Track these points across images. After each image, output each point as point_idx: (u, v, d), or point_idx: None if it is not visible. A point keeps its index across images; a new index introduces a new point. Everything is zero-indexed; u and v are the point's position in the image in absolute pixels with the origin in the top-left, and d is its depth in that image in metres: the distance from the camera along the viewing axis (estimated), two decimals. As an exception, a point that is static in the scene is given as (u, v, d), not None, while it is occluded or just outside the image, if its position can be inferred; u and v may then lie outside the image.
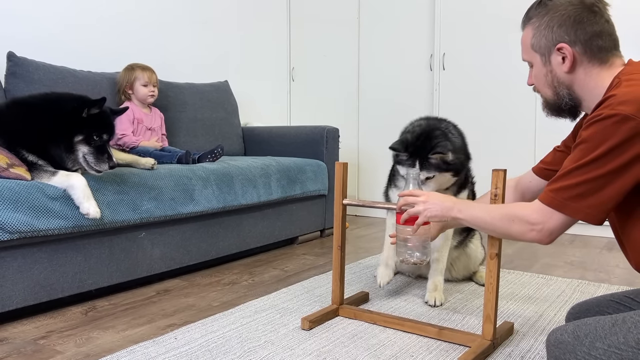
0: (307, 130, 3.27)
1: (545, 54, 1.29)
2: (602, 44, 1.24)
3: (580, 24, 1.23)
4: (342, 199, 1.84)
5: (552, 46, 1.27)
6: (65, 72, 2.53)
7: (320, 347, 1.57)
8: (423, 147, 1.80)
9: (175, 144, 3.01)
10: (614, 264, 2.60)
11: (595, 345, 1.09)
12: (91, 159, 1.85)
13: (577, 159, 1.17)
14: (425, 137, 1.82)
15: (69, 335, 1.67)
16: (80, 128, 1.84)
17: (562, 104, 1.33)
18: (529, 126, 3.45)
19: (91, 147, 1.85)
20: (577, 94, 1.30)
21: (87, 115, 1.84)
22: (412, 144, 1.82)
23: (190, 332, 1.68)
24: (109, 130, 1.90)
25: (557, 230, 1.23)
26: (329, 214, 3.26)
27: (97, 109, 1.85)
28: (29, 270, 1.78)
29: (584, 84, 1.27)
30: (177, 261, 2.31)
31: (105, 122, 1.89)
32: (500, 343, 1.59)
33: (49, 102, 1.87)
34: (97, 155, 1.86)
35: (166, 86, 3.05)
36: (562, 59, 1.26)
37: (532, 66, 1.35)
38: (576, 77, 1.27)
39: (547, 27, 1.27)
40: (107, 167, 1.87)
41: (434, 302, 1.93)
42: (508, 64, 3.49)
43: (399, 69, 3.94)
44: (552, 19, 1.26)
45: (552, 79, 1.30)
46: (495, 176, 1.50)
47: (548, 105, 1.37)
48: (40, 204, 1.74)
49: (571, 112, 1.35)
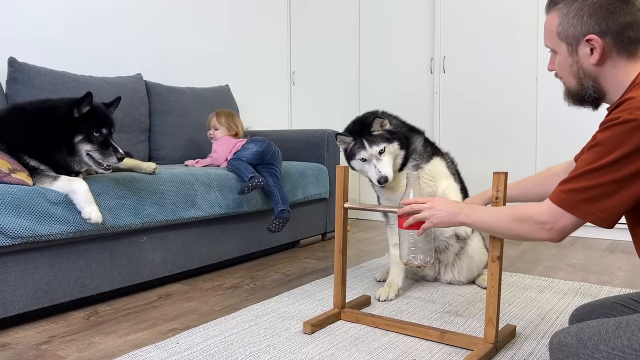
0: (308, 133, 3.27)
1: (573, 44, 1.23)
2: (633, 36, 1.18)
3: (612, 14, 1.17)
4: (343, 202, 1.84)
5: (581, 37, 1.20)
6: (67, 77, 2.53)
7: (322, 351, 1.57)
8: (363, 126, 1.98)
9: (178, 148, 3.02)
10: (616, 266, 2.60)
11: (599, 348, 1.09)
12: (97, 155, 1.85)
13: (591, 161, 1.15)
14: (361, 120, 2.02)
15: (71, 340, 1.67)
16: (78, 128, 1.84)
17: (586, 95, 1.27)
18: (530, 129, 3.45)
19: (94, 143, 1.85)
20: (602, 86, 1.24)
21: (79, 115, 1.84)
22: (351, 129, 2.01)
23: (192, 336, 1.68)
24: (107, 123, 1.90)
25: (567, 230, 1.21)
26: (330, 217, 3.26)
27: (87, 105, 1.85)
28: (31, 275, 1.78)
29: (611, 76, 1.22)
30: (178, 265, 2.31)
31: (101, 116, 1.89)
32: (502, 346, 1.59)
33: (45, 108, 1.87)
34: (102, 150, 1.86)
35: (168, 90, 3.06)
36: (590, 50, 1.20)
37: (554, 52, 1.29)
38: (603, 70, 1.22)
39: (576, 16, 1.20)
40: (115, 160, 1.87)
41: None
42: (509, 66, 3.49)
43: (400, 72, 3.94)
44: (582, 7, 1.19)
45: (578, 69, 1.25)
46: (496, 179, 1.50)
47: (570, 94, 1.31)
48: (42, 209, 1.74)
49: (594, 103, 1.29)
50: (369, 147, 1.94)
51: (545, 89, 3.38)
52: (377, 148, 1.95)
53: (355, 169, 2.03)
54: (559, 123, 3.36)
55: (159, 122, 2.98)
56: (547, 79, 3.37)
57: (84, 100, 1.83)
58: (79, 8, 2.85)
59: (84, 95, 1.83)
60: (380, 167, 1.94)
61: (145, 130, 2.92)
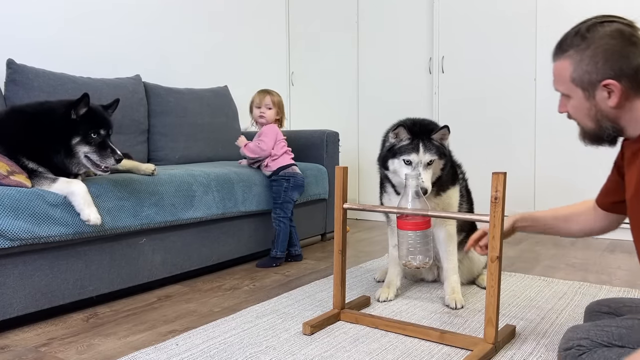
0: (307, 134, 3.27)
1: (589, 89, 1.25)
2: None
3: (626, 59, 1.20)
4: (342, 203, 1.84)
5: (598, 82, 1.23)
6: (65, 78, 2.53)
7: (322, 351, 1.56)
8: (425, 129, 1.87)
9: (177, 149, 3.02)
10: (616, 265, 2.60)
11: None
12: (94, 156, 1.85)
13: None
14: (423, 123, 1.91)
15: (70, 342, 1.67)
16: (75, 130, 1.84)
17: (604, 135, 1.29)
18: (529, 129, 3.45)
19: (91, 145, 1.85)
20: (621, 125, 1.27)
21: (77, 116, 1.84)
22: (411, 127, 1.87)
23: (192, 338, 1.68)
24: (105, 125, 1.89)
25: None
26: (329, 217, 3.26)
27: (84, 107, 1.85)
28: (30, 278, 1.78)
29: (630, 115, 1.24)
30: (178, 267, 2.31)
31: (99, 118, 1.89)
32: (502, 346, 1.59)
33: (43, 111, 1.87)
34: (100, 152, 1.86)
35: (167, 92, 3.06)
36: (608, 94, 1.23)
37: (567, 96, 1.31)
38: (622, 110, 1.24)
39: (590, 63, 1.23)
40: (112, 161, 1.86)
41: (455, 305, 1.93)
42: (507, 66, 3.49)
43: (399, 73, 3.94)
44: (596, 54, 1.22)
45: (596, 112, 1.27)
46: (495, 179, 1.50)
47: (587, 135, 1.33)
48: (40, 211, 1.74)
49: (612, 142, 1.32)
50: (423, 152, 1.84)
51: (543, 89, 3.38)
52: (430, 157, 1.85)
53: (389, 168, 1.92)
54: (557, 122, 3.36)
55: (158, 123, 2.98)
56: (546, 79, 3.37)
57: (81, 101, 1.83)
58: (77, 9, 2.85)
59: (81, 96, 1.82)
60: (425, 177, 1.83)
61: (144, 132, 2.91)
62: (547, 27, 3.34)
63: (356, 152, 4.18)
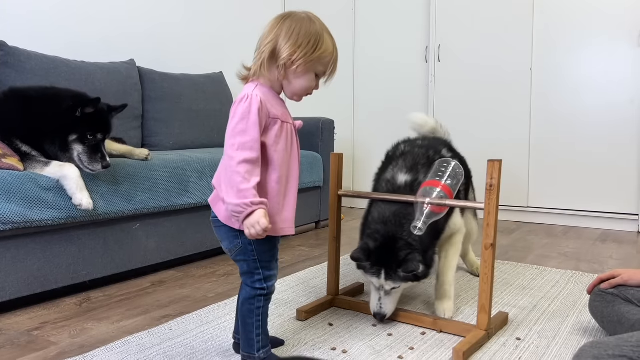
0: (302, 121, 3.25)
1: None
2: None
3: None
4: (337, 189, 1.83)
5: None
6: (58, 61, 2.50)
7: (315, 337, 1.57)
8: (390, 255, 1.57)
9: (171, 135, 3.00)
10: (608, 255, 2.61)
11: None
12: (85, 158, 1.84)
13: None
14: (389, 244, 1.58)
15: (63, 327, 1.66)
16: (75, 127, 1.82)
17: None
18: (524, 118, 3.46)
19: (85, 146, 1.84)
20: None
21: (81, 115, 1.82)
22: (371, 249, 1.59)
23: (186, 323, 1.67)
24: (104, 129, 1.88)
25: None
26: (324, 205, 3.26)
27: (92, 108, 1.83)
28: (23, 262, 1.77)
29: None
30: (172, 252, 2.30)
31: (101, 121, 1.87)
32: (495, 333, 1.60)
33: (46, 98, 1.85)
34: (90, 155, 1.84)
35: (161, 77, 3.03)
36: None
37: None
38: None
39: None
40: (100, 167, 1.85)
41: (443, 314, 1.72)
42: (504, 56, 3.48)
43: (395, 61, 3.92)
44: None
45: None
46: (490, 167, 1.50)
47: None
48: (33, 194, 1.72)
49: None
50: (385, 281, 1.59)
51: (539, 79, 3.38)
52: (392, 286, 1.61)
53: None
54: (553, 112, 3.36)
55: (152, 108, 2.95)
56: (542, 69, 3.36)
57: (92, 102, 1.81)
58: (71, -8, 2.81)
59: (94, 98, 1.81)
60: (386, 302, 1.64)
61: (138, 117, 2.89)
62: (543, 17, 3.33)
63: (351, 142, 4.18)
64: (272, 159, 1.28)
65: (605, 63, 3.19)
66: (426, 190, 1.55)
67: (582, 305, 1.85)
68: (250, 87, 1.27)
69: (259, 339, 1.32)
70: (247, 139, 1.21)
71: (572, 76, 3.29)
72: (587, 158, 3.29)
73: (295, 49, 1.26)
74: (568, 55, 3.29)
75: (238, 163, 1.20)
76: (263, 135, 1.25)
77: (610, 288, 1.53)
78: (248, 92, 1.24)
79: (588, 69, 3.25)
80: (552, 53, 3.34)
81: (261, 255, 1.31)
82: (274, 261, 1.35)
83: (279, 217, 1.31)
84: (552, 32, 3.33)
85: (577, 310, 1.80)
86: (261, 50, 1.29)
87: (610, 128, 3.21)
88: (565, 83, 3.31)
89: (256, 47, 1.32)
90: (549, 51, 3.34)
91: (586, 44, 3.24)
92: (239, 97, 1.25)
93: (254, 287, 1.31)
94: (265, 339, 1.34)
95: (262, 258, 1.31)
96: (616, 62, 3.16)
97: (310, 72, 1.31)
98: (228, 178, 1.22)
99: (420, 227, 1.50)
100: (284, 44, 1.26)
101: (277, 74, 1.29)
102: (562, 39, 3.30)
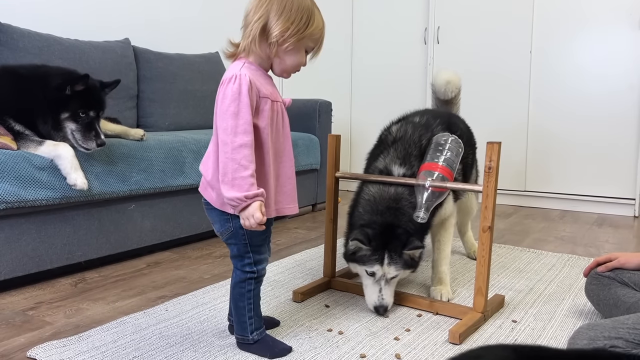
0: (299, 103, 3.23)
1: None
2: None
3: None
4: (334, 171, 1.82)
5: None
6: (52, 40, 2.46)
7: (311, 318, 1.57)
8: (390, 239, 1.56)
9: (167, 116, 2.97)
10: (604, 239, 2.62)
11: None
12: (79, 136, 1.82)
13: None
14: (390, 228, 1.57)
15: (59, 307, 1.66)
16: (66, 105, 1.79)
17: None
18: (523, 101, 3.43)
19: (78, 124, 1.81)
20: None
21: (71, 92, 1.79)
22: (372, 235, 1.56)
23: (181, 304, 1.67)
24: (97, 106, 1.85)
25: None
26: (320, 188, 3.24)
27: (82, 85, 1.80)
28: (17, 241, 1.75)
29: None
30: (167, 234, 2.29)
31: (92, 98, 1.84)
32: (491, 315, 1.60)
33: (37, 76, 1.82)
34: (84, 133, 1.82)
35: (156, 56, 2.99)
36: None
37: None
38: None
39: None
40: (94, 145, 1.83)
41: (440, 297, 1.71)
42: (503, 38, 3.45)
43: (393, 43, 3.88)
44: None
45: None
46: (489, 149, 1.48)
47: None
48: (27, 174, 1.70)
49: None
50: (388, 266, 1.56)
51: (538, 61, 3.35)
52: (395, 272, 1.57)
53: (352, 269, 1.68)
54: (551, 95, 3.34)
55: (147, 88, 2.92)
56: (541, 51, 3.33)
57: (80, 80, 1.78)
58: (64, -32, 2.75)
59: (82, 75, 1.78)
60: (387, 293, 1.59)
61: (133, 97, 2.85)
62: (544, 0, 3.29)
63: (348, 124, 4.15)
64: (263, 140, 1.25)
65: (606, 46, 3.17)
66: (425, 174, 1.54)
67: (577, 288, 1.85)
68: (237, 66, 1.23)
69: (251, 321, 1.32)
70: (241, 122, 1.19)
71: (572, 60, 3.26)
72: (585, 142, 3.28)
73: (288, 26, 1.22)
74: (568, 39, 3.26)
75: (233, 149, 1.17)
76: (254, 116, 1.22)
77: (607, 271, 1.53)
78: (235, 72, 1.21)
79: (588, 52, 3.22)
80: (552, 36, 3.30)
81: (252, 239, 1.29)
82: (265, 245, 1.34)
83: (273, 199, 1.30)
84: (552, 14, 3.29)
85: (573, 294, 1.80)
86: (250, 27, 1.25)
87: (609, 113, 3.19)
88: (564, 67, 3.28)
89: (243, 22, 1.28)
90: (549, 34, 3.31)
91: (586, 28, 3.21)
92: (225, 77, 1.22)
93: (244, 271, 1.30)
94: (258, 320, 1.34)
95: (253, 242, 1.30)
96: (616, 45, 3.14)
97: (301, 48, 1.28)
98: (222, 164, 1.19)
99: (423, 216, 1.50)
100: (276, 21, 1.22)
101: (268, 51, 1.26)
102: (563, 22, 3.27)
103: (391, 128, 1.80)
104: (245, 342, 1.32)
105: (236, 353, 1.33)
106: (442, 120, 1.80)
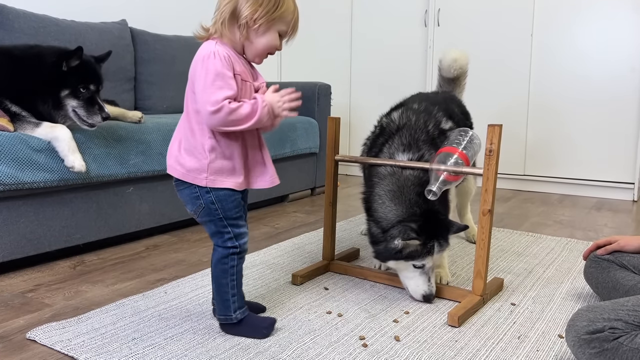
0: (298, 86, 3.16)
1: None
2: None
3: None
4: (334, 154, 1.81)
5: None
6: (48, 20, 2.42)
7: (310, 300, 1.57)
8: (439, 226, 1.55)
9: (165, 98, 2.94)
10: (603, 223, 2.62)
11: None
12: (82, 112, 1.80)
13: None
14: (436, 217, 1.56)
15: (58, 289, 1.66)
16: (64, 82, 1.78)
17: None
18: (523, 84, 3.41)
19: (80, 100, 1.79)
20: None
21: (67, 68, 1.77)
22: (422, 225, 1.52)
23: (180, 286, 1.67)
24: (95, 80, 1.84)
25: None
26: (320, 172, 3.23)
27: (77, 59, 1.78)
28: (15, 224, 1.74)
29: None
30: (166, 217, 2.28)
31: (90, 72, 1.83)
32: (490, 298, 1.60)
33: (31, 56, 1.80)
34: (87, 108, 1.80)
35: (154, 38, 2.96)
36: None
37: None
38: None
39: None
40: (99, 119, 1.82)
41: (439, 280, 1.71)
42: (504, 21, 3.41)
43: (393, 25, 3.84)
44: None
45: None
46: (490, 131, 1.47)
47: None
48: (24, 156, 1.69)
49: None
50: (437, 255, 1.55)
51: (540, 44, 3.32)
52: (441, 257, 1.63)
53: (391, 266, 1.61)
54: (552, 78, 3.32)
55: (145, 71, 2.89)
56: (542, 34, 3.30)
57: (74, 54, 1.76)
58: (59, -52, 2.70)
59: (75, 49, 1.75)
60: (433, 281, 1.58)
61: (130, 79, 2.82)
62: (547, -19, 3.25)
63: (348, 108, 4.12)
64: None
65: (607, 29, 3.13)
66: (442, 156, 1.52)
67: (576, 271, 1.85)
68: (211, 44, 1.24)
69: (234, 299, 1.32)
70: (231, 93, 1.21)
71: (573, 43, 3.23)
72: (584, 127, 3.26)
73: (256, 7, 1.22)
74: (569, 22, 3.23)
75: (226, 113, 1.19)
76: None
77: (606, 254, 1.53)
78: (211, 49, 1.22)
79: (589, 36, 3.19)
80: (553, 19, 3.27)
81: (226, 213, 1.29)
82: (242, 219, 1.34)
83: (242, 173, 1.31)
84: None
85: (572, 277, 1.80)
86: (221, 10, 1.25)
87: (609, 97, 3.17)
88: (565, 50, 3.25)
89: (216, 6, 1.28)
90: (550, 17, 3.27)
91: (588, 10, 3.17)
92: (202, 54, 1.23)
93: (226, 247, 1.31)
94: (240, 299, 1.34)
95: (228, 215, 1.30)
96: (618, 28, 3.11)
97: (272, 30, 1.27)
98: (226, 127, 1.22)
99: (435, 190, 1.48)
100: (245, 3, 1.23)
101: (239, 34, 1.26)
102: (564, 4, 3.23)
103: (392, 115, 1.76)
104: (229, 321, 1.32)
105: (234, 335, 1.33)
106: (440, 107, 1.79)
